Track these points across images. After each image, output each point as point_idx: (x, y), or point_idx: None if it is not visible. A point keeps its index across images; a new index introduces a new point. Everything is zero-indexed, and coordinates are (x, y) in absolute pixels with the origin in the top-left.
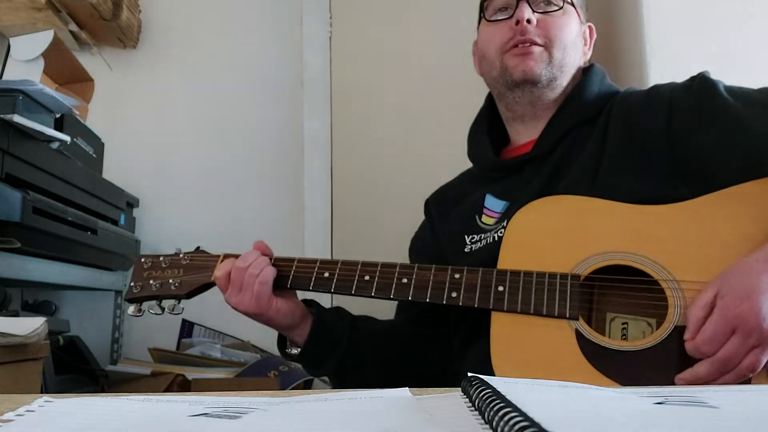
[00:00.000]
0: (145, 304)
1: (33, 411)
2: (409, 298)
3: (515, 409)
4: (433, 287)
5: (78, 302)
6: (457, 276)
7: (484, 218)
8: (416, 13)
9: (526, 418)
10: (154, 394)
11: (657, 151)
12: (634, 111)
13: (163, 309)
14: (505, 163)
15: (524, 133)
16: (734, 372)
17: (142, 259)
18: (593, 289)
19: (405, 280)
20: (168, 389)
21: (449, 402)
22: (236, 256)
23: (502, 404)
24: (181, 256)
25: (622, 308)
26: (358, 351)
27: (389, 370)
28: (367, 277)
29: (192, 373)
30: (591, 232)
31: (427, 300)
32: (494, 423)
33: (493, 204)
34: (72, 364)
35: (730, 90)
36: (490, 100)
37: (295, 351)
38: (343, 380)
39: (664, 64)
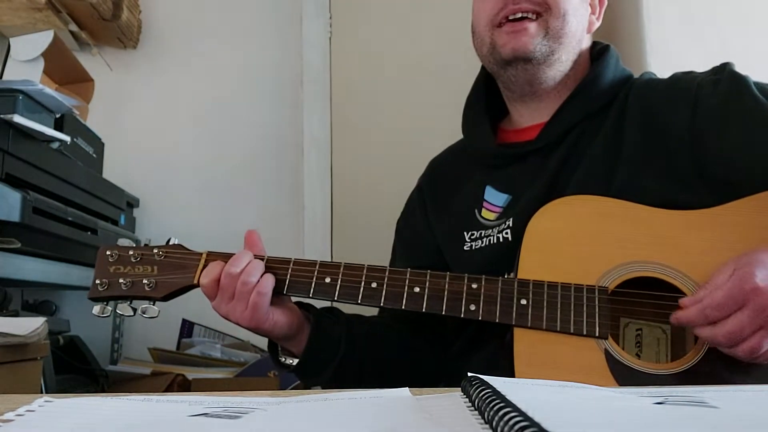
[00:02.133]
0: (113, 303)
1: (33, 411)
2: (423, 310)
3: (515, 409)
4: (449, 298)
5: (78, 302)
6: (474, 286)
7: (485, 212)
8: (416, 13)
9: (526, 418)
10: (154, 394)
11: (679, 151)
12: (655, 105)
13: (134, 310)
14: (507, 153)
15: (527, 116)
16: (733, 349)
17: (107, 252)
18: (618, 305)
19: (417, 289)
20: (168, 389)
21: (449, 402)
22: (224, 256)
23: (502, 404)
24: (154, 251)
25: (637, 313)
26: (356, 358)
27: (385, 373)
28: (374, 285)
29: (192, 373)
30: (616, 239)
31: (443, 313)
32: (494, 423)
33: (494, 197)
34: (72, 364)
35: (762, 88)
36: (485, 69)
37: (290, 361)
38: (339, 387)
39: (664, 64)
